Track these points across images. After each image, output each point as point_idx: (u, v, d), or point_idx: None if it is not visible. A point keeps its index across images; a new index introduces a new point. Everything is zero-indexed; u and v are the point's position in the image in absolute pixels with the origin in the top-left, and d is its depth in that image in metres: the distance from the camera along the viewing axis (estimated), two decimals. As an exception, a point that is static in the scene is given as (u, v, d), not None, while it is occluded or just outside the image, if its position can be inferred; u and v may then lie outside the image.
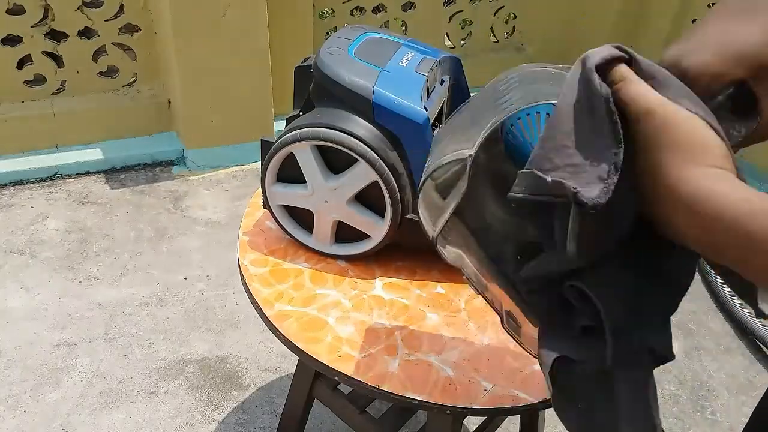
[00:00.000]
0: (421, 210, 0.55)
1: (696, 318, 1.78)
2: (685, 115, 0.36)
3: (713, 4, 2.52)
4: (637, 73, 0.38)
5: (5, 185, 2.17)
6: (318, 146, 0.80)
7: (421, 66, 0.82)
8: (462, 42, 2.84)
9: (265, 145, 0.85)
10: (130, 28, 2.26)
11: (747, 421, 0.57)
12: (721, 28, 0.41)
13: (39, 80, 2.22)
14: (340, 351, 0.74)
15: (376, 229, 0.83)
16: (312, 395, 1.09)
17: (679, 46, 0.42)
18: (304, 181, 0.83)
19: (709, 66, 0.40)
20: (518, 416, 1.21)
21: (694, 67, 0.41)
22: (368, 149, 0.77)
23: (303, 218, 0.87)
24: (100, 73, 2.30)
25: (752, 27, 0.40)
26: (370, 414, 1.04)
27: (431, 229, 0.54)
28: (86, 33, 2.22)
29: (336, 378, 0.72)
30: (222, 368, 1.52)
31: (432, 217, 0.54)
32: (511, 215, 0.51)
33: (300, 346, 0.74)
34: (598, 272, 0.41)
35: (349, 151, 0.77)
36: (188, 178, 2.28)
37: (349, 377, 0.71)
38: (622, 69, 0.38)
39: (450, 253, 0.56)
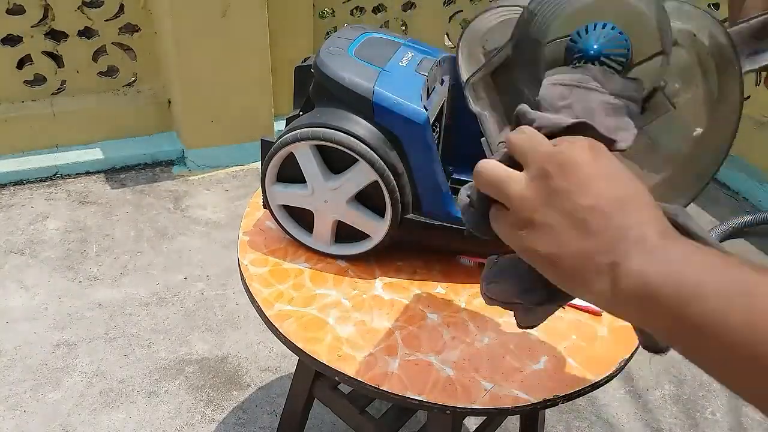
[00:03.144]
0: (461, 57, 0.58)
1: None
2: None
3: (714, 4, 2.51)
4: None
5: (5, 185, 2.17)
6: (318, 146, 0.80)
7: (421, 66, 0.82)
8: (462, 42, 2.84)
9: (265, 145, 0.85)
10: (130, 28, 2.27)
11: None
12: None
13: (39, 80, 2.23)
14: (340, 351, 0.74)
15: (376, 229, 0.83)
16: (312, 395, 1.09)
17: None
18: (304, 181, 0.83)
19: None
20: (518, 416, 1.21)
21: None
22: (368, 149, 0.77)
23: (303, 218, 0.87)
24: (100, 73, 2.30)
25: None
26: (370, 414, 1.04)
27: (465, 73, 0.58)
28: (86, 33, 2.22)
29: (336, 378, 0.72)
30: (222, 368, 1.52)
31: (470, 64, 0.58)
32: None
33: (300, 346, 0.74)
34: None
35: (349, 151, 0.77)
36: (188, 178, 2.28)
37: (349, 377, 0.71)
38: None
39: (475, 107, 0.58)
